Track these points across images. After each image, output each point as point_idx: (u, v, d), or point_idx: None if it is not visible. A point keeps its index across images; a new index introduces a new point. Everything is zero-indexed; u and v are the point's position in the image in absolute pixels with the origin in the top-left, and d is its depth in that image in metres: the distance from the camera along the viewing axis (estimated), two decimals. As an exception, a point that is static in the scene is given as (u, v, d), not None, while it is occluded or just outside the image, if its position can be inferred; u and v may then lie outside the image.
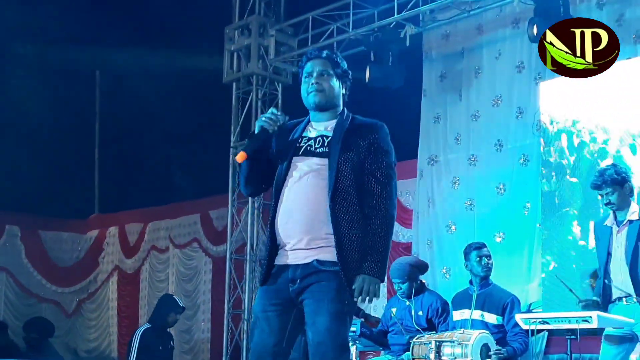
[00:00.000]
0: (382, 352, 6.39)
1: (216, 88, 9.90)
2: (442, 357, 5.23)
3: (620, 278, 4.94)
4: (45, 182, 11.30)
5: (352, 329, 5.80)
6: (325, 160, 3.30)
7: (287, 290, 3.27)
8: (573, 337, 4.85)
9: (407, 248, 8.43)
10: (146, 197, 11.53)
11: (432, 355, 5.20)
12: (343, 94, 3.48)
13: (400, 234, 8.65)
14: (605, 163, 6.51)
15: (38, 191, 11.30)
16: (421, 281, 6.35)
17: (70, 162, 12.02)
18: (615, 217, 5.03)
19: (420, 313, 6.13)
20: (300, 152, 3.35)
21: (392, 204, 3.29)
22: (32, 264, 11.61)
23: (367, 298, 3.18)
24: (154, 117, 11.39)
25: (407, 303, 6.21)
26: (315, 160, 3.31)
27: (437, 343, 5.24)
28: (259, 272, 3.39)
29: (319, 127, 3.41)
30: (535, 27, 6.87)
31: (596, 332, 5.03)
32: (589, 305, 4.91)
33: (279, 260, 3.31)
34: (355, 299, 3.19)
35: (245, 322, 9.16)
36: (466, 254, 5.90)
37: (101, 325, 11.85)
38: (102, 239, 12.06)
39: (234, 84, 9.68)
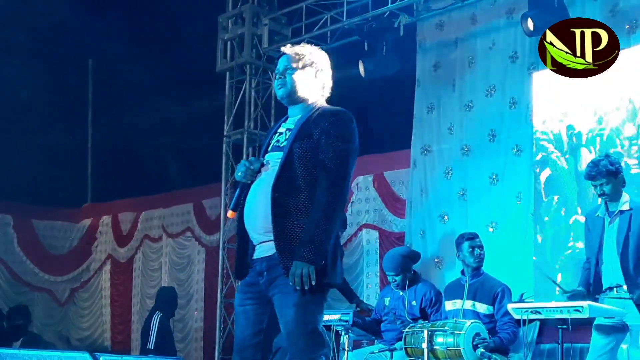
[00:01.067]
0: (376, 341, 6.41)
1: (210, 77, 9.88)
2: (435, 347, 5.25)
3: (611, 268, 4.97)
4: (38, 171, 11.27)
5: (345, 318, 5.82)
6: (282, 153, 3.36)
7: (257, 282, 3.36)
8: (564, 327, 4.87)
9: (400, 238, 8.45)
10: (139, 186, 11.52)
11: (424, 345, 5.21)
12: (314, 85, 3.50)
13: (393, 223, 8.67)
14: (598, 153, 6.54)
15: (31, 180, 11.27)
16: (414, 271, 6.37)
17: (63, 151, 11.99)
18: (607, 208, 5.05)
19: (413, 303, 6.15)
20: (270, 149, 3.45)
21: (335, 192, 3.29)
22: (25, 253, 11.60)
23: (302, 283, 3.18)
24: (147, 106, 11.37)
25: (401, 293, 6.23)
26: (278, 154, 3.39)
27: (430, 332, 5.25)
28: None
29: (290, 122, 3.48)
30: (529, 20, 6.86)
31: (590, 322, 5.05)
32: (575, 296, 4.93)
33: (252, 255, 3.41)
34: (290, 284, 3.21)
35: (238, 311, 9.17)
36: (458, 244, 5.92)
37: (94, 314, 11.85)
38: (95, 228, 12.06)
39: (228, 73, 9.65)
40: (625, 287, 4.88)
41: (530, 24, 6.84)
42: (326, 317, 5.98)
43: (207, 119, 10.46)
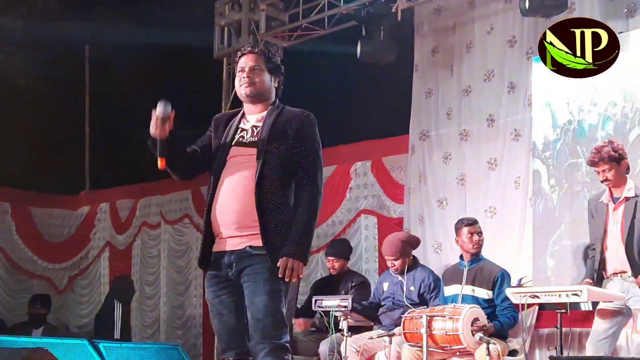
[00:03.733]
0: (374, 327, 6.42)
1: (207, 63, 9.85)
2: (433, 332, 5.26)
3: (615, 255, 4.97)
4: (35, 158, 11.24)
5: (344, 304, 5.83)
6: (254, 150, 3.49)
7: (227, 274, 3.48)
8: (563, 311, 4.88)
9: (398, 223, 8.44)
10: (137, 173, 11.49)
11: (423, 330, 5.22)
12: (275, 87, 3.66)
13: (391, 209, 8.66)
14: (598, 138, 6.53)
15: (28, 167, 11.24)
16: (413, 257, 6.38)
17: (61, 138, 11.95)
18: (612, 194, 5.04)
19: (412, 288, 6.16)
20: (234, 143, 3.57)
21: (317, 192, 3.48)
22: (23, 241, 11.58)
23: (291, 276, 3.36)
24: (144, 93, 11.31)
25: (399, 278, 6.24)
26: (246, 150, 3.51)
27: (428, 318, 5.26)
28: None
29: (252, 119, 3.61)
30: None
31: (591, 307, 5.07)
32: None
33: (216, 248, 3.53)
34: (280, 276, 3.37)
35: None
36: (457, 229, 5.92)
37: (93, 301, 11.85)
38: (93, 215, 12.03)
39: (225, 60, 9.62)
40: (629, 273, 4.89)
41: (527, 4, 6.79)
42: (325, 303, 6.00)
43: (204, 105, 10.42)
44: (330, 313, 5.85)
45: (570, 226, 6.66)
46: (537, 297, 4.96)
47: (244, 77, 3.59)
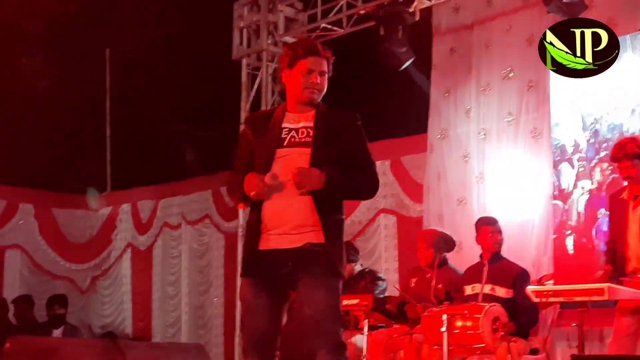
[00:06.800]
0: (394, 325, 6.43)
1: (226, 64, 9.90)
2: (454, 331, 5.26)
3: (636, 253, 4.95)
4: (57, 159, 11.35)
5: (364, 302, 5.84)
6: (308, 150, 3.44)
7: (276, 273, 3.39)
8: (584, 309, 4.87)
9: (417, 222, 8.44)
10: (158, 174, 11.57)
11: (443, 329, 5.23)
12: None
13: (411, 208, 8.66)
14: (618, 135, 6.50)
15: (50, 169, 11.36)
16: (445, 255, 6.36)
17: (82, 140, 12.06)
18: (632, 192, 5.02)
19: (439, 286, 6.14)
20: (285, 144, 3.48)
21: (373, 180, 3.54)
22: (46, 241, 11.69)
23: (300, 179, 3.35)
24: (164, 94, 11.40)
25: (428, 275, 6.22)
26: (297, 150, 3.45)
27: (449, 316, 5.27)
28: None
29: (300, 119, 3.53)
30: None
31: (611, 305, 5.04)
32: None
33: (266, 246, 3.43)
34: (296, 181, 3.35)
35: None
36: (478, 228, 5.93)
37: (115, 302, 11.95)
38: (114, 216, 12.12)
39: (244, 61, 9.66)
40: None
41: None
42: (345, 302, 6.01)
43: (224, 106, 10.49)
44: (351, 312, 5.86)
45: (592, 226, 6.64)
46: (558, 295, 4.95)
47: (313, 82, 3.53)
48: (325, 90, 3.57)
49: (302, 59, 3.51)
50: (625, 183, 5.08)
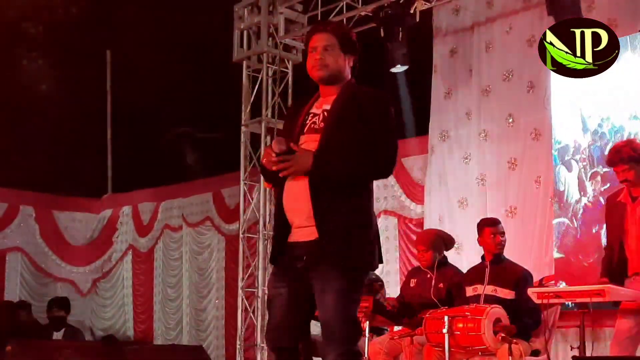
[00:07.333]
0: (395, 327, 6.42)
1: (226, 67, 9.90)
2: (455, 332, 5.25)
3: (636, 254, 4.94)
4: (58, 162, 11.36)
5: (365, 304, 5.82)
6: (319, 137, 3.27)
7: (294, 266, 3.26)
8: (586, 310, 4.86)
9: (419, 224, 8.44)
10: (158, 176, 11.58)
11: (444, 330, 5.22)
12: (351, 66, 3.43)
13: (412, 209, 8.66)
14: (617, 137, 6.50)
15: (51, 171, 11.36)
16: (444, 256, 6.35)
17: (83, 142, 12.08)
18: (630, 194, 5.01)
19: (440, 286, 6.13)
20: (305, 130, 3.33)
21: (381, 160, 3.35)
22: (47, 244, 11.70)
23: (283, 165, 3.14)
24: (165, 96, 11.42)
25: (428, 275, 6.21)
26: (314, 137, 3.28)
27: (450, 318, 5.26)
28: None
29: (323, 102, 3.37)
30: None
31: (612, 306, 5.03)
32: None
33: (289, 238, 3.30)
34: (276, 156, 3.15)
35: (258, 300, 9.21)
36: (480, 229, 5.90)
37: (116, 304, 11.95)
38: (115, 218, 12.13)
39: (244, 63, 9.66)
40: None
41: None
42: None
43: (224, 108, 10.49)
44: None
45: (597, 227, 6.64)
46: (559, 296, 4.94)
47: (315, 59, 3.33)
48: (332, 63, 3.33)
49: (308, 41, 3.41)
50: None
